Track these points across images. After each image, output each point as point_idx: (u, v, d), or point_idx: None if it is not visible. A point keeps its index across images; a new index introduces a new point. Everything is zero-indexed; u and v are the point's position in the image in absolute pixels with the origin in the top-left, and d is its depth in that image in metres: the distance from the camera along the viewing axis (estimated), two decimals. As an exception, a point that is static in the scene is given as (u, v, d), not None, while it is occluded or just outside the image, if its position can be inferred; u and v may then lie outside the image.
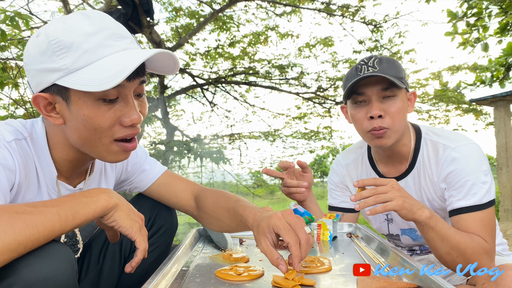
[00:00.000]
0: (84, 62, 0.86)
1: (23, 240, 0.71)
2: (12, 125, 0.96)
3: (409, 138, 1.42)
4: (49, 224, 0.75)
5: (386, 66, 1.32)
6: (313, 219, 1.44)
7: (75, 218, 0.79)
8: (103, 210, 0.85)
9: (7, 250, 0.69)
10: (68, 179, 1.05)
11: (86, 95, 0.88)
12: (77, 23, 0.88)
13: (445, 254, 1.19)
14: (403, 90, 1.35)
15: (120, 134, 0.93)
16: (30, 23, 2.35)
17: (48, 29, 0.89)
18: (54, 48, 0.86)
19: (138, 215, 0.95)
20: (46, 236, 0.75)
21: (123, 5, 4.52)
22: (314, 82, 8.12)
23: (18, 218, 0.71)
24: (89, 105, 0.89)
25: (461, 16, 4.08)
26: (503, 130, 6.35)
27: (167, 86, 7.20)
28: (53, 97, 0.90)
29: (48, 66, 0.87)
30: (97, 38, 0.87)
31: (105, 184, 1.19)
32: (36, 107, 0.91)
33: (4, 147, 0.89)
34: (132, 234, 0.90)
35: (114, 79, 0.83)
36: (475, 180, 1.26)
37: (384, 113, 1.32)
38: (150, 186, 1.28)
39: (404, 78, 1.36)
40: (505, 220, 6.22)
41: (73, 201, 0.81)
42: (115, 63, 0.87)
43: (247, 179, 8.99)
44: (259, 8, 6.90)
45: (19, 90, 2.83)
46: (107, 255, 1.29)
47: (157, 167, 1.30)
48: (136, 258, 0.91)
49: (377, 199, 1.13)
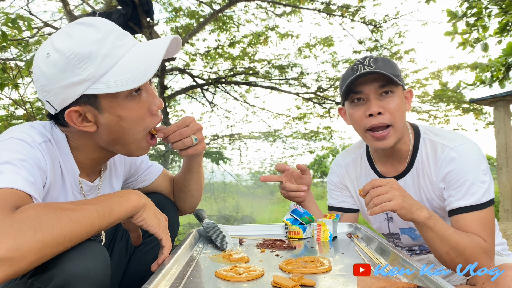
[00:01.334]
0: (107, 66, 0.92)
1: (68, 234, 0.76)
2: (37, 128, 1.00)
3: (408, 137, 1.42)
4: (89, 219, 0.81)
5: (382, 64, 1.32)
6: (313, 219, 1.44)
7: (111, 215, 0.86)
8: (134, 209, 0.92)
9: (55, 243, 0.74)
10: (88, 176, 1.13)
11: (115, 96, 0.95)
12: (83, 34, 0.93)
13: (444, 254, 1.19)
14: (400, 87, 1.36)
15: (151, 123, 1.02)
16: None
17: (57, 46, 0.92)
18: (74, 62, 0.90)
19: (163, 215, 1.01)
20: (88, 231, 0.80)
21: (123, 5, 4.52)
22: (314, 82, 8.13)
23: (63, 214, 0.77)
24: (121, 105, 0.96)
25: (461, 16, 4.08)
26: (503, 130, 6.35)
27: (167, 86, 7.20)
28: (83, 108, 0.95)
29: (72, 81, 0.91)
30: (109, 41, 0.93)
31: (116, 178, 1.26)
32: (70, 122, 0.96)
33: (37, 149, 0.94)
34: (159, 232, 0.97)
35: (147, 72, 0.92)
36: (474, 179, 1.26)
37: (384, 110, 1.31)
38: (154, 180, 1.40)
39: (400, 76, 1.36)
40: (505, 220, 6.22)
41: (108, 200, 0.88)
42: (139, 58, 0.94)
43: (247, 179, 9.00)
44: (259, 8, 6.90)
45: (19, 90, 2.84)
46: (114, 251, 1.34)
47: (157, 165, 1.43)
48: (163, 256, 0.99)
49: (376, 201, 1.14)
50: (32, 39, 4.23)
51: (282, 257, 1.17)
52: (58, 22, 5.88)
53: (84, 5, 6.37)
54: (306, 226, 1.43)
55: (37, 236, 0.71)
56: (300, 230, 1.42)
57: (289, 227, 1.44)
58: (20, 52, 2.73)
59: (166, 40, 0.97)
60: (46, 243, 0.72)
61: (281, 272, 1.01)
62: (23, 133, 0.94)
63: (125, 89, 0.91)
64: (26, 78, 2.95)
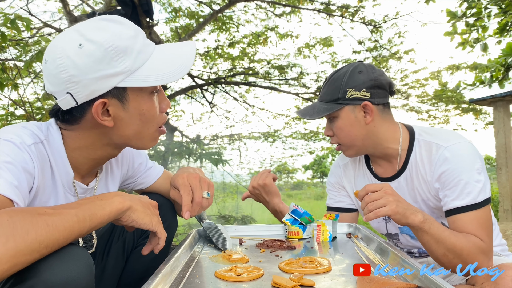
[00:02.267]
0: (140, 62, 0.96)
1: (44, 240, 0.73)
2: (29, 129, 0.98)
3: (396, 140, 1.42)
4: (68, 225, 0.77)
5: (324, 91, 1.44)
6: (312, 220, 1.44)
7: (92, 219, 0.82)
8: (118, 212, 0.89)
9: (29, 250, 0.71)
10: (83, 178, 1.11)
11: (142, 91, 0.99)
12: (116, 29, 0.95)
13: (441, 256, 1.19)
14: (344, 108, 1.40)
15: (162, 121, 1.07)
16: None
17: (92, 38, 0.92)
18: (112, 54, 0.92)
19: (152, 205, 1.00)
20: (66, 236, 0.77)
21: (123, 5, 4.52)
22: (314, 82, 8.12)
23: (39, 219, 0.74)
24: (146, 100, 1.00)
25: (461, 16, 4.08)
26: (503, 130, 6.35)
27: (167, 86, 7.20)
28: (109, 101, 0.96)
29: (108, 72, 0.92)
30: (140, 39, 0.97)
31: (112, 181, 1.24)
32: (95, 114, 0.95)
33: (25, 151, 0.91)
34: (153, 227, 0.97)
35: (183, 69, 0.98)
36: (468, 179, 1.26)
37: (332, 132, 1.46)
38: (154, 182, 1.39)
39: (344, 96, 1.39)
40: (504, 221, 6.22)
41: (90, 203, 0.85)
42: (171, 57, 1.00)
43: (247, 179, 8.98)
44: (258, 8, 6.90)
45: (19, 91, 2.83)
46: (111, 252, 1.33)
47: (158, 166, 1.43)
48: (159, 246, 1.00)
49: (370, 207, 1.16)
50: (32, 39, 4.23)
51: (282, 257, 1.17)
52: (57, 22, 5.88)
53: (83, 5, 6.37)
54: (305, 226, 1.43)
55: (9, 243, 0.68)
56: (299, 230, 1.42)
57: (289, 228, 1.44)
58: (20, 52, 2.73)
59: (192, 43, 1.05)
60: (19, 250, 0.69)
61: (281, 272, 1.01)
62: (13, 134, 0.92)
63: (161, 83, 0.96)
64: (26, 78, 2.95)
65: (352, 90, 1.38)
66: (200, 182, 1.15)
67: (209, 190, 1.17)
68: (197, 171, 1.21)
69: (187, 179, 1.15)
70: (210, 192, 1.17)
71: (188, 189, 1.13)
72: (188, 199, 1.12)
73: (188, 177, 1.15)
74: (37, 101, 5.23)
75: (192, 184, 1.14)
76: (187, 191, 1.13)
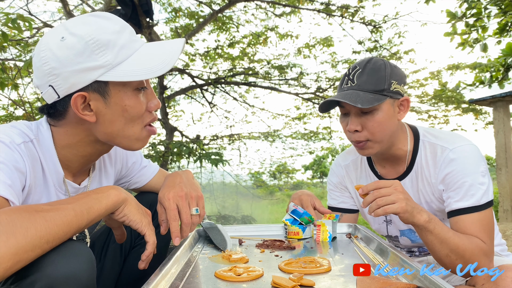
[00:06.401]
0: (123, 57, 0.94)
1: (44, 235, 0.74)
2: (18, 128, 0.98)
3: (405, 141, 1.41)
4: (66, 219, 0.79)
5: (364, 80, 1.30)
6: (312, 220, 1.44)
7: (90, 213, 0.84)
8: (114, 205, 0.90)
9: (30, 246, 0.72)
10: (74, 176, 1.10)
11: (125, 86, 0.96)
12: (101, 24, 0.94)
13: (444, 256, 1.19)
14: (386, 101, 1.31)
15: (148, 119, 1.03)
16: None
17: (74, 31, 0.92)
18: (93, 47, 0.91)
19: (146, 211, 1.00)
20: (66, 231, 0.78)
21: (123, 5, 4.53)
22: (314, 82, 8.13)
23: (37, 216, 0.75)
24: (129, 96, 0.97)
25: (460, 17, 4.08)
26: (502, 130, 6.35)
27: (167, 86, 7.20)
28: (89, 95, 0.94)
29: (87, 65, 0.91)
30: (125, 34, 0.96)
31: (106, 180, 1.23)
32: (74, 107, 0.94)
33: (16, 150, 0.91)
34: (142, 228, 0.96)
35: (166, 64, 0.95)
36: (473, 181, 1.26)
37: (362, 128, 1.33)
38: (150, 181, 1.38)
39: (389, 88, 1.31)
40: (504, 221, 6.22)
41: (86, 198, 0.86)
42: (155, 52, 0.98)
43: (247, 179, 9.00)
44: (258, 8, 6.91)
45: (18, 91, 2.83)
46: (108, 253, 1.32)
47: (153, 164, 1.42)
48: (147, 252, 0.97)
49: (379, 202, 1.13)
50: (32, 39, 4.23)
51: (282, 257, 1.17)
52: (57, 22, 5.89)
53: (83, 5, 6.37)
54: (305, 226, 1.43)
55: (10, 241, 0.69)
56: (299, 230, 1.42)
57: (289, 228, 1.44)
58: (20, 52, 2.73)
59: (180, 40, 1.02)
60: (20, 247, 0.70)
61: (281, 272, 1.01)
62: (2, 134, 0.91)
63: (142, 78, 0.93)
64: (26, 78, 2.95)
65: (395, 83, 1.33)
66: (187, 199, 1.11)
67: (198, 205, 1.13)
68: (183, 184, 1.14)
69: (172, 200, 1.09)
70: (200, 206, 1.13)
71: (175, 214, 1.08)
72: (176, 224, 1.08)
73: (174, 198, 1.10)
74: (37, 101, 5.24)
75: (179, 205, 1.09)
76: (174, 216, 1.08)
